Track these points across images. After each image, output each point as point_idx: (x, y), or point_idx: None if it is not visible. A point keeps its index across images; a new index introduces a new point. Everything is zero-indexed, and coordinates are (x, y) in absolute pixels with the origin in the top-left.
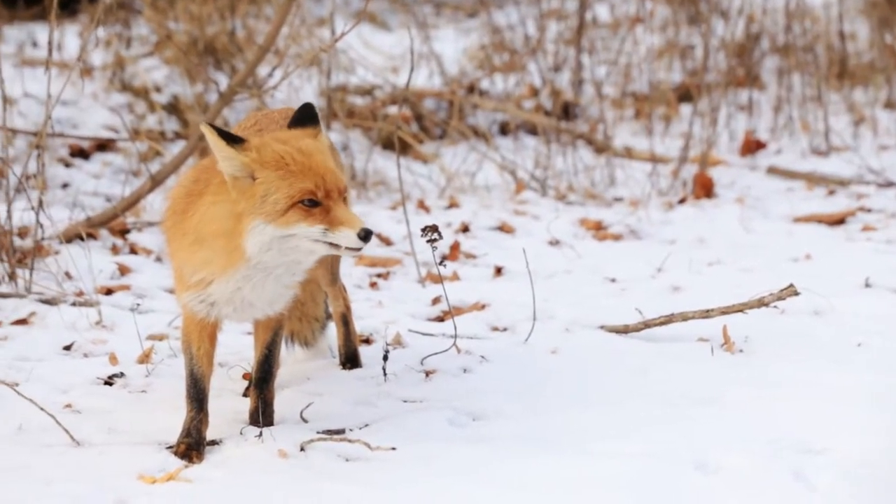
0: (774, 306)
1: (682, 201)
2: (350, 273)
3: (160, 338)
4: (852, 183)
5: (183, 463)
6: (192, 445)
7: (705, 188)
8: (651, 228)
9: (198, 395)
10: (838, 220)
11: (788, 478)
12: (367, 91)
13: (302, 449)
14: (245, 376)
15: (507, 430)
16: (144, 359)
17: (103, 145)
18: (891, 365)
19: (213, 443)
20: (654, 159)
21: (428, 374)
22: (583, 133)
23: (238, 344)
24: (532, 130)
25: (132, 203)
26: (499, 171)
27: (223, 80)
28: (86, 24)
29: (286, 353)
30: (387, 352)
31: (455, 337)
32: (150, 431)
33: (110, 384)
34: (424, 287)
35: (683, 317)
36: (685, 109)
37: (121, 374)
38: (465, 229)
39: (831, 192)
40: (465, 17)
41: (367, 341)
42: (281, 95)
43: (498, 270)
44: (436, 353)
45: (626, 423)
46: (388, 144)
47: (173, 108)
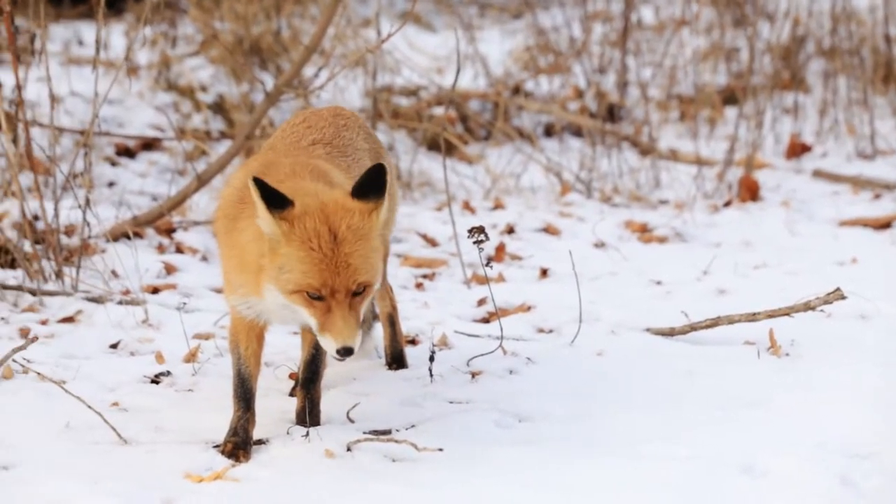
0: (821, 310)
1: (727, 204)
2: (396, 274)
3: (206, 337)
4: None
5: (230, 462)
6: (239, 445)
7: (751, 191)
8: (696, 231)
9: (245, 395)
10: (884, 224)
11: (835, 482)
12: (412, 92)
13: (348, 449)
14: (291, 376)
15: (553, 432)
16: (191, 358)
17: (149, 144)
18: None
19: (260, 442)
20: (700, 162)
21: (474, 375)
22: (628, 135)
23: (284, 343)
24: (577, 132)
25: (178, 202)
26: (544, 172)
27: (268, 80)
28: (131, 23)
29: None
30: (433, 353)
31: (501, 338)
32: (197, 430)
33: (157, 383)
34: (470, 288)
35: (729, 320)
36: (730, 112)
37: (167, 373)
38: (511, 231)
39: (877, 196)
40: (509, 19)
41: (413, 342)
42: (326, 95)
43: (543, 272)
44: (482, 355)
45: (673, 425)
46: (433, 145)
47: (219, 107)
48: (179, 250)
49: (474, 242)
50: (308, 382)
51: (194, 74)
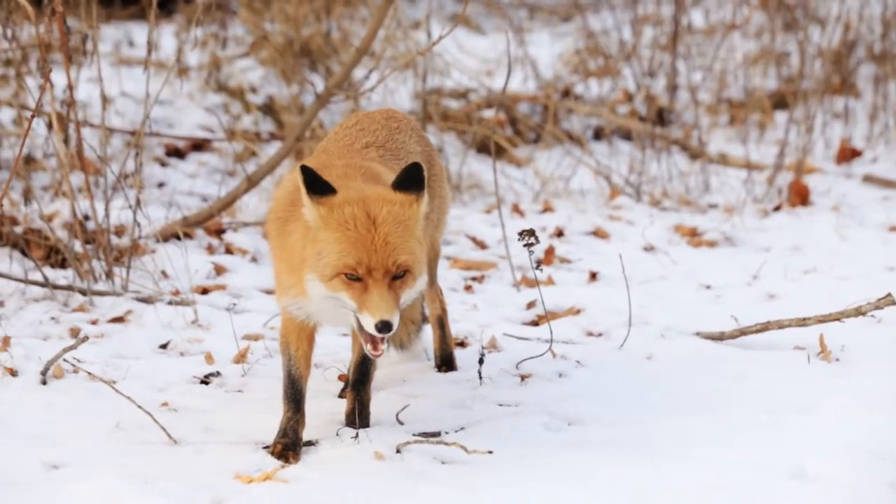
0: (871, 315)
1: (777, 209)
2: (445, 276)
3: (256, 338)
4: None
5: (279, 463)
6: (289, 446)
7: (801, 196)
8: (746, 235)
9: (295, 396)
10: None
11: (886, 488)
12: (461, 94)
13: (398, 451)
14: (341, 378)
15: (602, 436)
16: (240, 358)
17: (199, 145)
18: None
19: (310, 443)
20: (749, 166)
21: (523, 378)
22: (677, 139)
23: (334, 345)
24: (626, 135)
25: (228, 203)
26: (593, 175)
27: (318, 82)
28: (181, 24)
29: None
30: (482, 355)
31: (551, 341)
32: (247, 431)
33: (206, 383)
34: (519, 291)
35: (779, 325)
36: (780, 116)
37: (217, 374)
38: (560, 234)
39: None
40: (559, 21)
41: (462, 344)
42: (376, 97)
43: (592, 275)
44: (531, 358)
45: (723, 430)
46: (482, 148)
47: (268, 108)
48: (229, 251)
49: (525, 245)
50: (358, 384)
51: (244, 76)
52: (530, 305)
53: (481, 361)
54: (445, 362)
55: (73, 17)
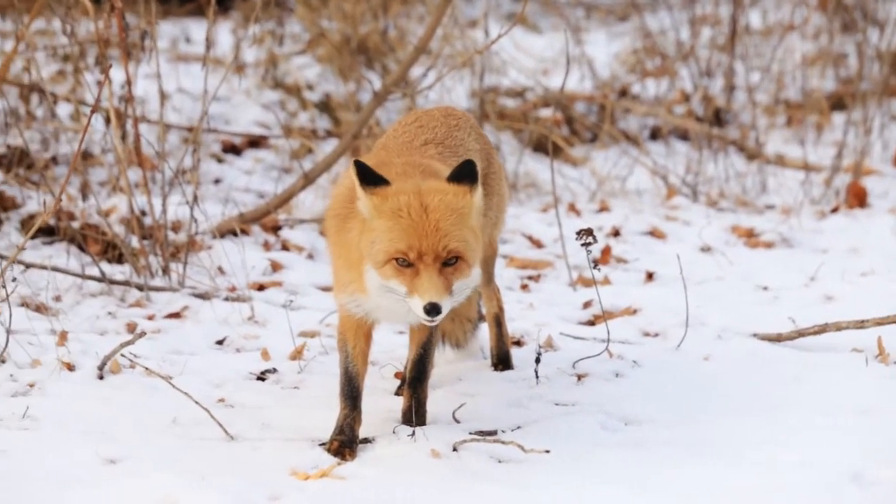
0: None
1: (834, 210)
2: (501, 275)
3: (312, 335)
4: None
5: (336, 460)
6: (345, 443)
7: (858, 198)
8: (803, 237)
9: (352, 393)
10: None
11: None
12: (518, 93)
13: (454, 449)
14: (397, 375)
15: (659, 436)
16: (297, 355)
17: (255, 142)
18: None
19: (366, 441)
20: (807, 167)
21: (580, 377)
22: (734, 139)
23: (390, 342)
24: (683, 136)
25: (284, 200)
26: (650, 175)
27: (375, 80)
28: (238, 21)
29: (437, 353)
30: (539, 354)
31: (608, 341)
32: (303, 428)
33: (263, 380)
34: (575, 290)
35: (837, 327)
36: (838, 118)
37: (273, 370)
38: (616, 234)
39: None
40: (616, 21)
41: (519, 343)
42: (433, 96)
43: (649, 276)
44: (588, 357)
45: (781, 432)
46: (539, 147)
47: (325, 106)
48: (285, 248)
49: (583, 245)
50: (415, 382)
51: (301, 73)
52: (586, 305)
53: (538, 360)
54: (502, 361)
55: (132, 14)
